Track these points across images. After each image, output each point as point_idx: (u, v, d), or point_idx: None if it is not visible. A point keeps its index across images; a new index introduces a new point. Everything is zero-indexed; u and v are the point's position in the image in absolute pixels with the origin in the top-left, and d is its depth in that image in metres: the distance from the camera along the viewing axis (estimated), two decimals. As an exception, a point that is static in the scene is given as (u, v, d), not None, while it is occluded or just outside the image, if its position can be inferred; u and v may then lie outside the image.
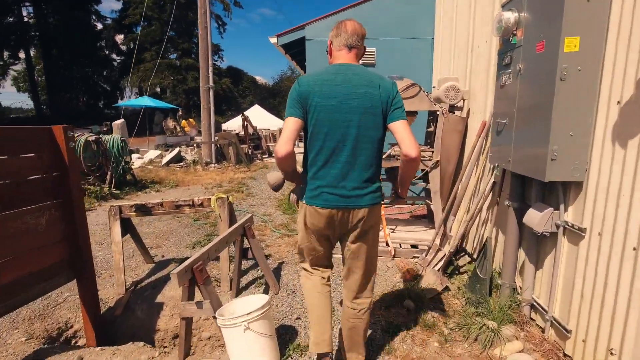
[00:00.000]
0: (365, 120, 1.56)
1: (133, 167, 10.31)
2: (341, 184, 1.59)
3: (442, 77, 3.63)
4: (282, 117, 27.02)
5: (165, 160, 10.59)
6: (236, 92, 37.25)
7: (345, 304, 1.85)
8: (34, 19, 30.85)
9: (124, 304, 2.91)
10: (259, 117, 18.90)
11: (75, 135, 6.46)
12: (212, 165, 10.27)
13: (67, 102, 34.66)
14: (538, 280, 2.19)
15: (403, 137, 1.53)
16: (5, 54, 30.67)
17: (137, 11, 28.79)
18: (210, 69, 10.29)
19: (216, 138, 10.71)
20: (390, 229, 3.74)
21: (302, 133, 1.68)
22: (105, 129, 26.69)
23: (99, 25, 35.25)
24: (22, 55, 31.22)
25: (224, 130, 14.04)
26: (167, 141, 14.04)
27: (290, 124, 1.55)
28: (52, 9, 31.00)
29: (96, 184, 6.59)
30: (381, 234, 3.62)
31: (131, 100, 14.75)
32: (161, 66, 28.86)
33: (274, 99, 37.85)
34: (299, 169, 1.76)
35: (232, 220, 3.11)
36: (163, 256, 3.78)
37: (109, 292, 3.08)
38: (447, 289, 2.79)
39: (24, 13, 30.33)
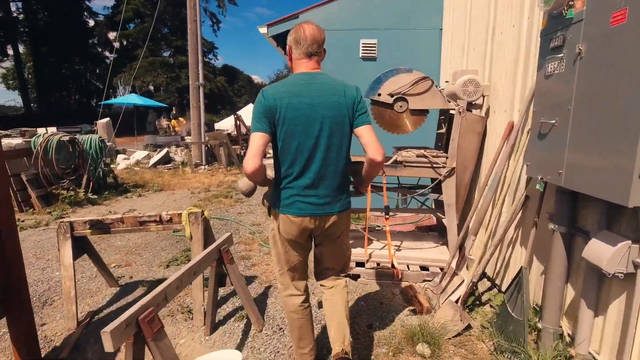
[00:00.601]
0: (333, 129, 1.58)
1: (118, 168, 9.77)
2: (314, 192, 1.62)
3: (458, 70, 3.12)
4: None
5: (152, 161, 10.01)
6: (231, 91, 36.61)
7: (324, 284, 1.93)
8: (22, 15, 30.04)
9: (73, 342, 2.37)
10: (254, 116, 18.24)
11: (47, 134, 5.90)
12: (202, 167, 9.71)
13: (58, 100, 33.87)
14: (598, 330, 1.68)
15: (369, 142, 1.58)
16: (-6, 50, 29.84)
17: (128, 7, 28.06)
18: (201, 65, 9.72)
19: (206, 138, 10.16)
20: (395, 246, 3.23)
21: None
22: (95, 128, 26.12)
23: (91, 22, 34.49)
24: (10, 52, 30.42)
25: (217, 130, 13.47)
26: (157, 141, 13.43)
27: (257, 139, 1.54)
28: (42, 4, 30.19)
29: (71, 188, 6.02)
30: (384, 252, 3.11)
31: (119, 98, 14.06)
32: (154, 64, 28.21)
33: (269, 98, 37.09)
34: (270, 174, 1.72)
35: (207, 239, 2.58)
36: (131, 277, 3.24)
37: (58, 327, 2.54)
38: (469, 327, 2.28)
39: (13, 8, 29.53)
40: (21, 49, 31.24)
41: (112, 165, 10.00)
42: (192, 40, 9.66)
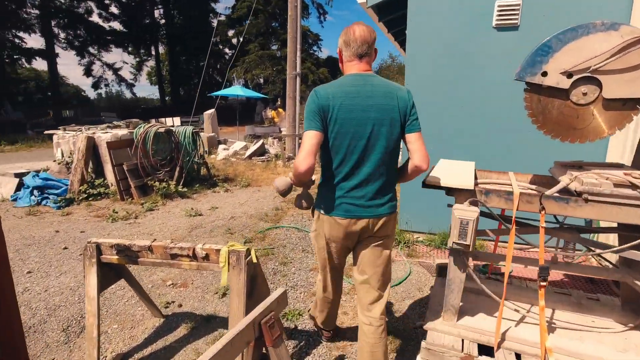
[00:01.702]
0: (385, 132, 1.57)
1: (217, 158, 10.05)
2: (361, 194, 1.61)
3: None
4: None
5: (248, 153, 10.03)
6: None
7: (361, 321, 1.79)
8: (163, 19, 34.87)
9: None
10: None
11: (146, 126, 6.00)
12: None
13: (186, 94, 38.66)
14: None
15: (417, 149, 1.58)
16: (141, 51, 35.50)
17: (244, 4, 29.96)
18: (299, 53, 9.23)
19: (301, 131, 9.70)
20: (548, 320, 1.95)
21: None
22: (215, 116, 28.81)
23: (214, 22, 38.27)
24: (153, 52, 35.75)
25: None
26: (255, 132, 13.70)
27: (311, 137, 1.53)
28: (178, 10, 34.50)
29: (165, 179, 6.09)
30: (528, 333, 1.87)
31: (224, 90, 14.84)
32: (263, 57, 29.68)
33: (371, 89, 35.97)
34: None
35: (253, 292, 1.78)
36: (180, 305, 2.69)
37: (81, 369, 2.08)
38: None
39: (156, 14, 34.53)
40: (161, 49, 36.49)
41: (211, 156, 10.40)
42: (292, 27, 9.21)
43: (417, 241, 3.86)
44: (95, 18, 29.41)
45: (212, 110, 11.46)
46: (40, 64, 29.86)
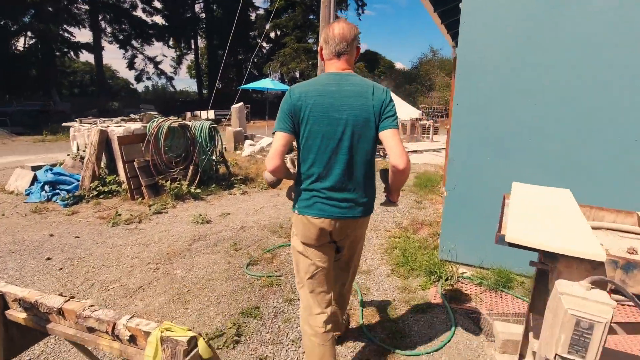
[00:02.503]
0: (357, 131, 1.53)
1: (242, 155, 9.55)
2: (334, 195, 1.57)
3: None
4: (417, 106, 23.94)
5: (274, 150, 9.43)
6: (370, 76, 35.29)
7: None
8: (203, 13, 35.31)
9: None
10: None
11: (159, 120, 5.51)
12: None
13: (224, 87, 39.08)
14: None
15: (391, 147, 1.49)
16: (182, 45, 36.26)
17: (281, -4, 29.50)
18: (330, 43, 8.44)
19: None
20: None
21: None
22: (246, 111, 28.79)
23: (253, 16, 38.24)
24: (193, 46, 36.38)
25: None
26: (285, 128, 13.12)
27: (278, 139, 1.53)
28: (217, 3, 34.75)
29: (179, 178, 5.60)
30: None
31: (253, 82, 14.35)
32: (298, 50, 29.12)
33: (409, 85, 34.43)
34: (292, 168, 1.74)
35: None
36: None
37: None
38: None
39: (196, 9, 35.03)
40: (201, 43, 37.07)
41: (237, 152, 9.92)
42: (324, 14, 8.43)
43: (462, 277, 3.01)
44: (139, 12, 30.20)
45: (240, 104, 10.99)
46: (86, 57, 31.27)
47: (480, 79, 2.90)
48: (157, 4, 31.06)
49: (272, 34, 39.91)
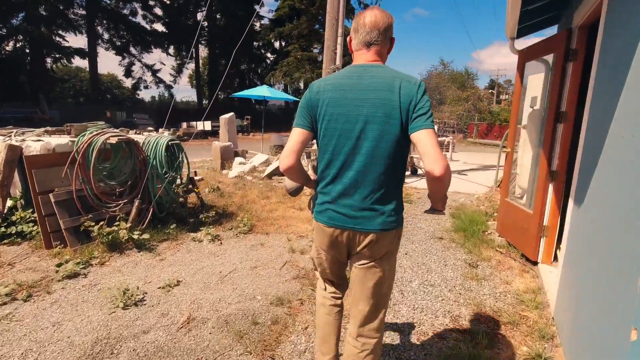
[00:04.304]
0: (379, 131, 1.31)
1: (229, 176, 7.84)
2: (347, 202, 1.38)
3: None
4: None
5: (268, 170, 7.74)
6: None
7: (347, 340, 1.59)
8: (205, 22, 34.24)
9: None
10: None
11: (92, 133, 3.81)
12: (326, 185, 6.84)
13: (225, 97, 37.76)
14: None
15: (425, 150, 1.23)
16: (183, 53, 35.13)
17: (285, 3, 28.28)
18: (340, 40, 6.83)
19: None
20: None
21: None
22: (246, 123, 27.29)
23: (257, 25, 37.17)
24: (194, 54, 35.22)
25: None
26: (283, 142, 11.36)
27: (295, 135, 1.41)
28: (222, 11, 33.68)
29: (119, 217, 3.87)
30: None
31: (249, 90, 12.65)
32: (302, 60, 27.75)
33: (419, 98, 32.86)
34: (312, 174, 1.60)
35: None
36: None
37: None
38: None
39: (199, 17, 33.99)
40: (203, 52, 35.96)
41: (224, 172, 8.19)
42: (332, 6, 6.83)
43: None
44: (139, 19, 29.12)
45: (230, 114, 9.33)
46: (79, 63, 30.13)
47: None
48: (158, 11, 30.03)
49: (276, 44, 38.86)
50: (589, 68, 3.42)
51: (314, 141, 1.47)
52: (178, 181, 4.63)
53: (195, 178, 6.48)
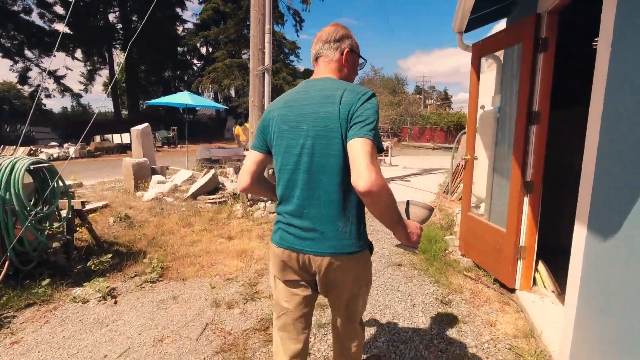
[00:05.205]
0: (318, 145, 1.21)
1: (144, 198, 6.53)
2: (296, 222, 1.28)
3: None
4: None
5: (192, 189, 6.58)
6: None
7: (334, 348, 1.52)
8: (119, 23, 30.92)
9: None
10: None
11: None
12: (263, 204, 5.93)
13: (149, 107, 34.47)
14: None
15: (353, 161, 1.10)
16: (94, 58, 31.29)
17: (209, 5, 26.73)
18: (268, 37, 6.01)
19: (271, 157, 6.39)
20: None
21: None
22: (172, 134, 25.03)
23: (181, 30, 34.65)
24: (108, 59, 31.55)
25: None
26: (212, 155, 10.10)
27: (250, 156, 1.41)
28: (136, 11, 30.67)
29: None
30: None
31: (169, 97, 11.09)
32: (232, 66, 26.37)
33: (352, 104, 33.43)
34: None
35: None
36: None
37: None
38: None
39: (111, 18, 30.57)
40: (119, 56, 32.40)
41: (138, 193, 6.80)
42: (255, 29, 6.02)
43: None
44: (34, 18, 25.20)
45: (144, 126, 7.92)
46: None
47: None
48: (59, 10, 26.31)
49: (203, 50, 36.65)
50: (561, 59, 3.05)
51: None
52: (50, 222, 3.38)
53: (88, 207, 5.16)
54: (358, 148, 1.09)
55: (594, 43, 3.63)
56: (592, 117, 1.67)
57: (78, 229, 3.62)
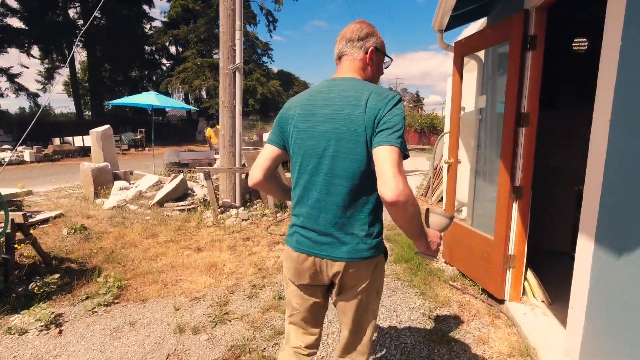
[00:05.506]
0: (341, 148, 1.17)
1: (104, 207, 6.00)
2: (312, 226, 1.25)
3: None
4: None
5: (158, 196, 6.13)
6: (286, 96, 33.36)
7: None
8: (81, 19, 29.24)
9: None
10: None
11: None
12: (235, 211, 5.58)
13: (113, 107, 32.82)
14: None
15: (380, 169, 1.06)
16: (54, 56, 29.44)
17: (178, 3, 25.83)
18: (238, 34, 5.69)
19: (243, 160, 6.04)
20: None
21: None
22: (140, 136, 23.92)
23: (148, 28, 33.27)
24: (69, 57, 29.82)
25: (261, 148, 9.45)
26: (181, 159, 9.55)
27: (264, 151, 1.35)
28: (100, 9, 29.16)
29: None
30: None
31: (133, 96, 10.39)
32: (202, 66, 25.58)
33: (327, 105, 33.34)
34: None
35: None
36: None
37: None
38: None
39: (71, 13, 28.87)
40: (81, 55, 30.64)
41: (98, 201, 6.23)
42: (224, 27, 5.69)
43: None
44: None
45: (104, 128, 7.34)
46: None
47: None
48: (13, 3, 24.53)
49: (172, 49, 35.40)
50: (551, 58, 2.94)
51: None
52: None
53: (39, 218, 4.68)
54: (385, 156, 1.06)
55: (573, 44, 3.59)
56: (598, 122, 1.52)
57: (17, 246, 3.16)
